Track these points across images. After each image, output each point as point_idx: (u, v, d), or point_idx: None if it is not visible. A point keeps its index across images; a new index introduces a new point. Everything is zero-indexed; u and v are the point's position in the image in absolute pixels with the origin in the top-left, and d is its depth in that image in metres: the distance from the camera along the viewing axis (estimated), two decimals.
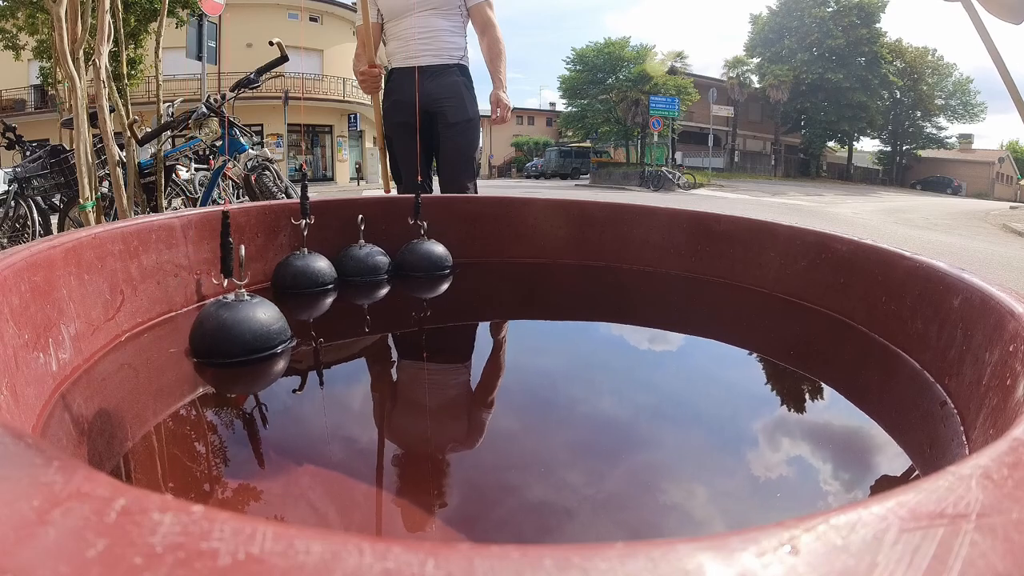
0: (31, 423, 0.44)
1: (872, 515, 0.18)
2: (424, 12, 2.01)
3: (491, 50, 2.08)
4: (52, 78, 6.34)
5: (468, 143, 2.08)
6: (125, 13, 2.96)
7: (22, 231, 3.05)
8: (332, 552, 0.15)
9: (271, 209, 0.96)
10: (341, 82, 18.75)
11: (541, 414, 0.59)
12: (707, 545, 0.16)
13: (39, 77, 11.68)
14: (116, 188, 1.84)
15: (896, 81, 29.96)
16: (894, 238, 6.65)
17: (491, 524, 0.41)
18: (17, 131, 3.63)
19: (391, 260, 1.03)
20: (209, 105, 2.45)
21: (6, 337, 0.43)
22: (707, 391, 0.68)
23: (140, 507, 0.16)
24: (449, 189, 2.05)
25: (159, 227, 0.74)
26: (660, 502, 0.45)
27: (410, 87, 1.98)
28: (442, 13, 2.03)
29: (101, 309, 0.62)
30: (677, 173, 19.11)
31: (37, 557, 0.15)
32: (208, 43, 9.65)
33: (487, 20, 2.08)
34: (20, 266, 0.49)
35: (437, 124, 2.06)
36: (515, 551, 0.15)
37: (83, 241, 0.60)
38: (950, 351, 0.56)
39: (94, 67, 1.71)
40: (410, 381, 0.68)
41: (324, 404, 0.60)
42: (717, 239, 1.00)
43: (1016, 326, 0.45)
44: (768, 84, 29.12)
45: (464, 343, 0.83)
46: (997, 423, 0.41)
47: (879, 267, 0.73)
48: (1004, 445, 0.23)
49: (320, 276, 0.93)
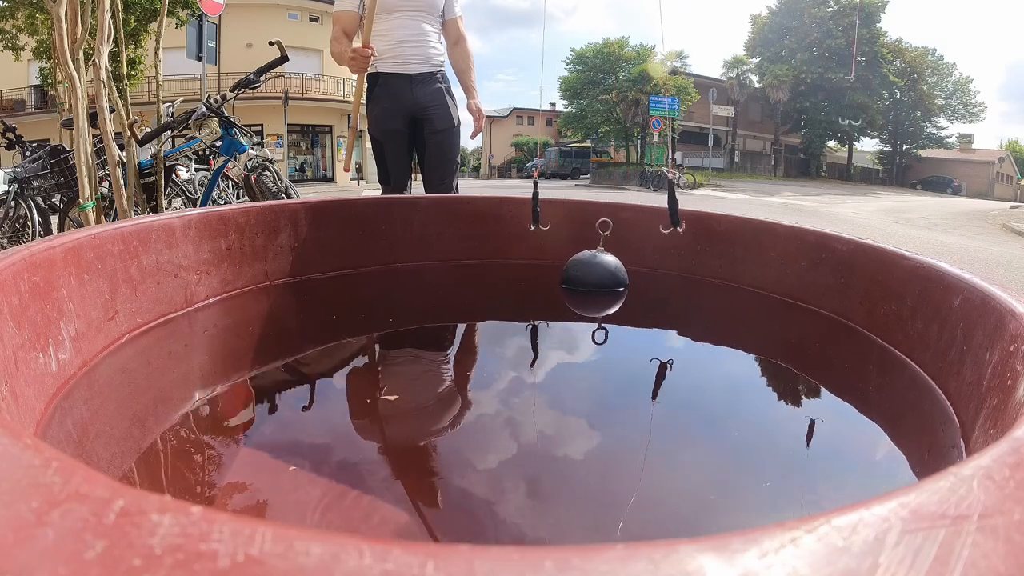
0: (30, 424, 0.44)
1: (874, 516, 0.17)
2: (412, 14, 2.06)
3: (465, 61, 2.24)
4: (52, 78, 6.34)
5: (452, 146, 2.22)
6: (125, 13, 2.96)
7: (22, 231, 3.05)
8: (332, 553, 0.15)
9: (271, 209, 0.96)
10: (341, 82, 18.74)
11: (541, 415, 0.59)
12: (708, 546, 0.16)
13: (39, 77, 11.67)
14: (116, 188, 1.84)
15: (896, 81, 29.97)
16: (894, 238, 6.65)
17: (491, 525, 0.41)
18: (17, 131, 3.63)
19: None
20: (209, 105, 2.45)
21: (5, 337, 0.43)
22: (707, 392, 0.68)
23: (139, 508, 0.16)
24: (438, 189, 2.19)
25: (159, 227, 0.74)
26: (660, 503, 0.45)
27: (402, 95, 2.12)
28: (427, 18, 2.10)
29: (101, 309, 0.61)
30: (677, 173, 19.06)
31: (35, 558, 0.15)
32: (208, 43, 9.66)
33: (461, 32, 2.23)
34: (20, 266, 0.48)
35: (423, 129, 2.18)
36: (515, 552, 0.15)
37: (83, 241, 0.60)
38: (950, 351, 0.56)
39: (94, 67, 1.71)
40: (410, 381, 0.68)
41: (324, 405, 0.60)
42: (717, 239, 1.00)
43: (1016, 326, 0.45)
44: (768, 84, 29.12)
45: (464, 344, 0.82)
46: (998, 423, 0.41)
47: (879, 267, 0.73)
48: (1005, 446, 0.23)
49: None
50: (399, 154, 2.17)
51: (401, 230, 1.09)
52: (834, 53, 28.78)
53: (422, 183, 2.28)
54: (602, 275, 0.97)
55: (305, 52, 17.75)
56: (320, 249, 0.99)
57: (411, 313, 0.96)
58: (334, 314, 0.94)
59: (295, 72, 17.78)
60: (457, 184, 2.27)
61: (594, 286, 0.96)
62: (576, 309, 0.95)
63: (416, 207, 1.12)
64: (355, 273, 1.03)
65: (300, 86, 18.51)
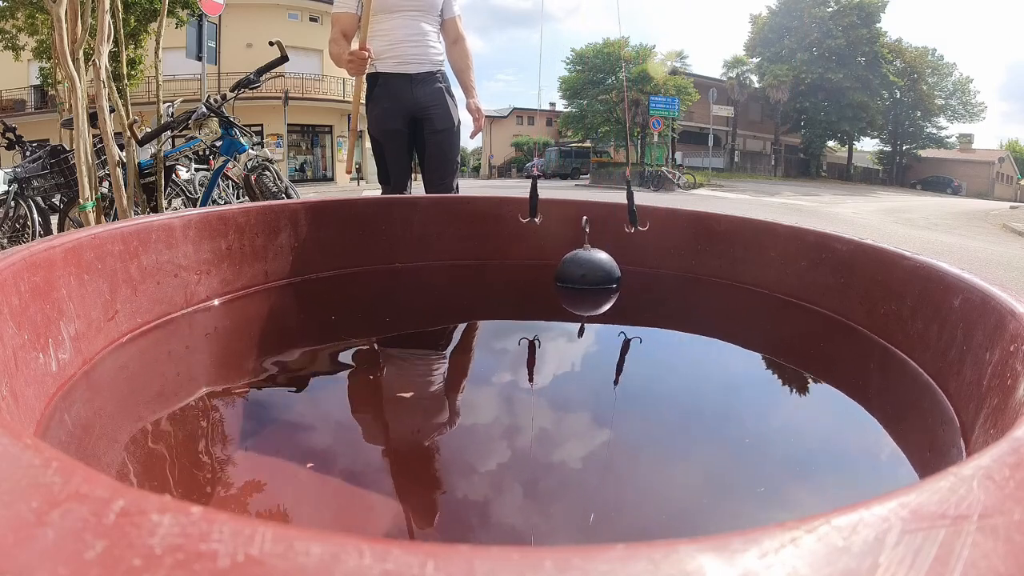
0: (30, 424, 0.44)
1: (874, 516, 0.17)
2: (411, 13, 2.06)
3: (464, 60, 2.24)
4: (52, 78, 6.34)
5: (452, 146, 2.22)
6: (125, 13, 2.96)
7: (22, 231, 3.05)
8: (332, 553, 0.15)
9: (271, 209, 0.96)
10: (341, 82, 18.74)
11: (541, 415, 0.59)
12: (708, 546, 0.16)
13: (39, 77, 11.68)
14: (116, 188, 1.84)
15: (896, 81, 29.97)
16: (894, 238, 6.65)
17: (492, 525, 0.41)
18: (17, 131, 3.63)
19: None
20: (209, 105, 2.45)
21: (5, 337, 0.43)
22: (707, 391, 0.68)
23: (139, 508, 0.16)
24: (438, 189, 2.19)
25: (159, 227, 0.74)
26: (660, 503, 0.45)
27: (402, 94, 2.12)
28: (426, 18, 2.10)
29: (101, 309, 0.61)
30: (677, 173, 19.11)
31: (35, 559, 0.15)
32: (208, 43, 9.66)
33: (460, 32, 2.23)
34: (20, 266, 0.48)
35: (423, 129, 2.18)
36: (515, 552, 0.15)
37: (83, 241, 0.60)
38: (950, 351, 0.56)
39: (94, 67, 1.71)
40: (410, 381, 0.68)
41: (325, 405, 0.60)
42: (717, 239, 1.00)
43: (1016, 326, 0.45)
44: (768, 84, 29.13)
45: (464, 344, 0.82)
46: (998, 423, 0.41)
47: (879, 267, 0.73)
48: (1005, 446, 0.23)
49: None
50: (399, 154, 2.17)
51: (401, 230, 1.09)
52: (834, 53, 28.78)
53: (422, 183, 2.28)
54: (595, 271, 0.98)
55: (305, 52, 17.75)
56: (320, 249, 0.99)
57: (411, 313, 0.96)
58: (334, 314, 0.94)
59: (295, 72, 17.77)
60: (457, 184, 2.27)
61: (586, 283, 0.98)
62: (570, 308, 0.95)
63: (416, 207, 1.12)
64: (355, 273, 1.03)
65: (300, 86, 18.51)
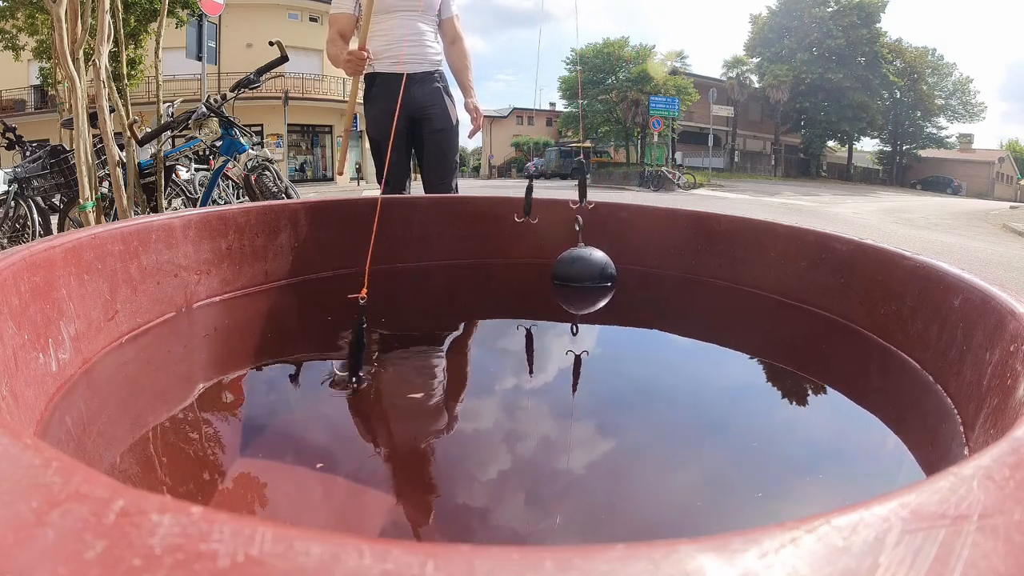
0: (30, 424, 0.44)
1: (874, 516, 0.17)
2: (409, 13, 2.06)
3: (463, 60, 2.23)
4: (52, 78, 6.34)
5: (451, 146, 2.21)
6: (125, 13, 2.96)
7: (22, 231, 3.05)
8: (332, 553, 0.15)
9: (271, 209, 0.96)
10: (341, 82, 18.73)
11: (541, 415, 0.59)
12: (708, 546, 0.16)
13: (39, 77, 11.67)
14: (116, 188, 1.84)
15: (896, 81, 29.96)
16: (894, 238, 6.65)
17: (492, 525, 0.41)
18: (17, 131, 3.63)
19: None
20: (209, 105, 2.45)
21: (5, 337, 0.43)
22: (707, 392, 0.68)
23: (139, 508, 0.16)
24: (437, 189, 2.19)
25: (159, 227, 0.74)
26: (660, 503, 0.45)
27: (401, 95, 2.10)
28: (424, 18, 2.10)
29: (101, 309, 0.61)
30: (677, 173, 19.11)
31: (35, 558, 0.15)
32: (208, 43, 9.65)
33: (458, 32, 2.23)
34: (20, 266, 0.48)
35: (422, 129, 2.18)
36: (516, 552, 0.15)
37: (83, 241, 0.60)
38: (950, 351, 0.56)
39: (94, 67, 1.71)
40: (411, 381, 0.68)
41: (325, 405, 0.60)
42: (717, 239, 1.00)
43: (1016, 326, 0.45)
44: (768, 84, 29.12)
45: (465, 343, 0.82)
46: (998, 423, 0.41)
47: (879, 267, 0.73)
48: (1005, 445, 0.23)
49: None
50: (398, 154, 2.17)
51: (401, 230, 1.09)
52: (834, 53, 28.77)
53: (421, 183, 2.28)
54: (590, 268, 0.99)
55: (305, 52, 17.75)
56: (320, 249, 0.99)
57: (411, 313, 0.96)
58: (334, 314, 0.94)
59: (295, 72, 17.78)
60: (457, 184, 2.27)
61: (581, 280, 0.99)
62: (566, 306, 0.95)
63: (416, 207, 1.12)
64: (355, 273, 1.03)
65: (300, 86, 18.52)
